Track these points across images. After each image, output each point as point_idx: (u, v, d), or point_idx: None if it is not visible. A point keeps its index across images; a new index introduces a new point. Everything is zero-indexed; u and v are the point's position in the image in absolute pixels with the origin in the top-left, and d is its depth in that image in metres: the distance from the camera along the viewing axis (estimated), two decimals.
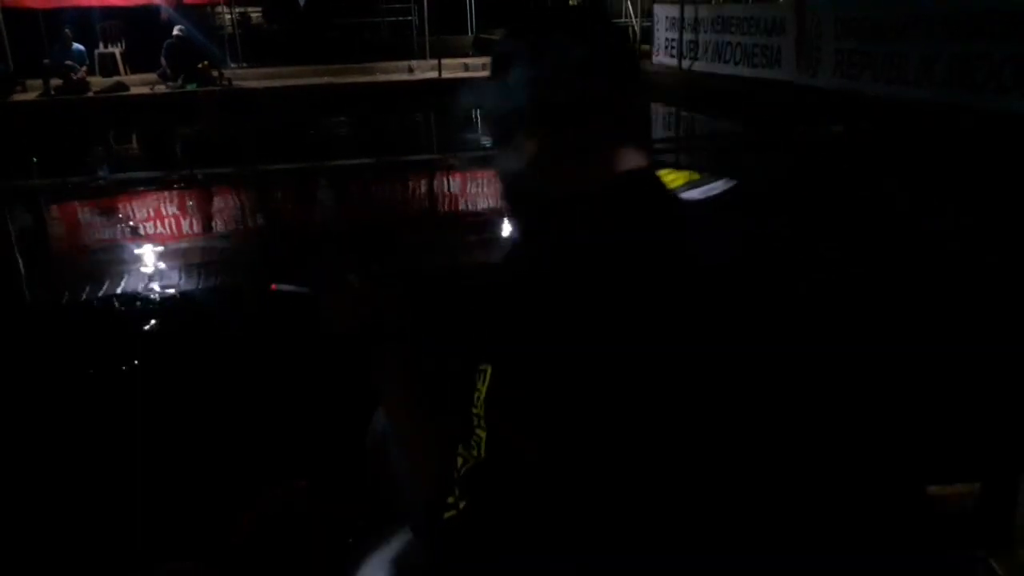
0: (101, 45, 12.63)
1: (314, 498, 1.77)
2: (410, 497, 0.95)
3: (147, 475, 2.17)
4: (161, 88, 11.37)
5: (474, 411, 0.81)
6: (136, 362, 3.08)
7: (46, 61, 11.02)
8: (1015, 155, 5.96)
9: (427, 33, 13.79)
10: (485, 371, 0.81)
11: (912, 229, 4.73)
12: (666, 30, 12.44)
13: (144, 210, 6.22)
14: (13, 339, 3.39)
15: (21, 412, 2.67)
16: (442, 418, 0.91)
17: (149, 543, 1.88)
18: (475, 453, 0.81)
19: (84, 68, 11.37)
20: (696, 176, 0.98)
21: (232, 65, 12.83)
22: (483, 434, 0.80)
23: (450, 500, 0.81)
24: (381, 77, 12.41)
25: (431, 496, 0.84)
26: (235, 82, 11.84)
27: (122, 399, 2.74)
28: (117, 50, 12.65)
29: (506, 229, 4.78)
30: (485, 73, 0.97)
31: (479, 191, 6.27)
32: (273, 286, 1.12)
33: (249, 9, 14.77)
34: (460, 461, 0.82)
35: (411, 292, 1.10)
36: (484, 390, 0.80)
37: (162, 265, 4.61)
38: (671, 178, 0.94)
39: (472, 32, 18.13)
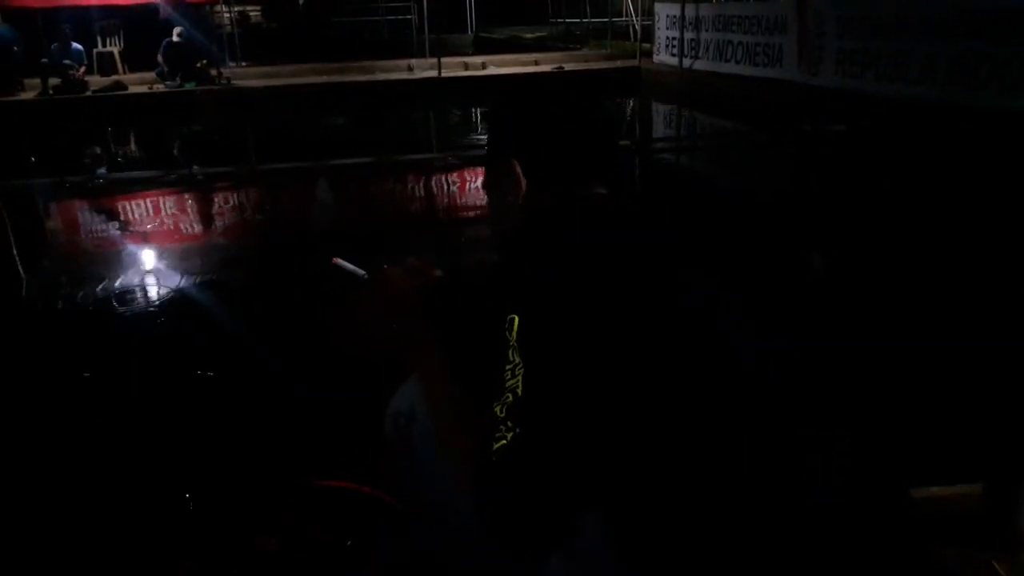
0: (99, 44, 12.57)
1: (314, 499, 1.79)
2: (446, 460, 1.04)
3: (159, 475, 2.17)
4: (160, 87, 11.32)
5: (508, 361, 0.93)
6: (133, 363, 3.04)
7: (44, 60, 10.93)
8: (1017, 154, 5.95)
9: (427, 32, 13.75)
10: (513, 320, 0.95)
11: (914, 227, 4.69)
12: (667, 28, 12.41)
13: (142, 209, 6.18)
14: (13, 338, 3.37)
15: (29, 412, 2.65)
16: (474, 383, 1.03)
17: (160, 543, 1.88)
18: (510, 398, 0.91)
19: (82, 67, 11.28)
20: None
21: (231, 64, 12.81)
22: (520, 373, 0.91)
23: (498, 435, 0.91)
24: (380, 76, 12.34)
25: (478, 441, 0.93)
26: (234, 81, 11.79)
27: (121, 399, 2.72)
28: (115, 49, 12.59)
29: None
30: (484, 72, 1.04)
31: (477, 189, 6.24)
32: (335, 259, 1.17)
33: (248, 8, 14.75)
34: (499, 409, 0.92)
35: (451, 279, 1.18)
36: (515, 336, 0.94)
37: (159, 264, 4.58)
38: None
39: (472, 31, 18.13)
